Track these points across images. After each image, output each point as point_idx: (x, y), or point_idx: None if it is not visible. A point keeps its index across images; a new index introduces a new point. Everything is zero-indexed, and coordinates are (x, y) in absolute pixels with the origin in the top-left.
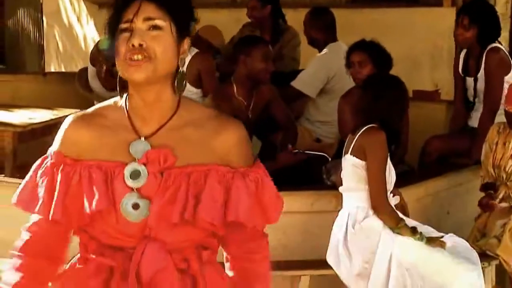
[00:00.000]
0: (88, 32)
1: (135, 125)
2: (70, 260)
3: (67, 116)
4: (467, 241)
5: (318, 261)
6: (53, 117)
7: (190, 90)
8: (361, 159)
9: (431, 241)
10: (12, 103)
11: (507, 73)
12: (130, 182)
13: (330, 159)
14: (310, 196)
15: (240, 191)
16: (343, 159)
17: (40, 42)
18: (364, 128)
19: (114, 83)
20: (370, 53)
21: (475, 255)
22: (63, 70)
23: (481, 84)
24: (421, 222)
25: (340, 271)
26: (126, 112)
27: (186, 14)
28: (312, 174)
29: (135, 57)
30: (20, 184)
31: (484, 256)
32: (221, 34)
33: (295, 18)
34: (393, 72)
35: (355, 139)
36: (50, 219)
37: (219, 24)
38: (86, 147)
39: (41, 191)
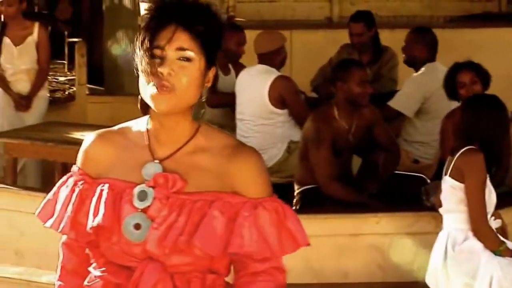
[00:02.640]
0: None
1: (152, 147)
2: None
3: None
4: None
5: (416, 283)
6: None
7: (276, 112)
8: (459, 181)
9: None
10: (111, 124)
11: None
12: (136, 203)
13: (428, 180)
14: (409, 218)
15: (248, 222)
16: (442, 180)
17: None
18: (463, 150)
19: (216, 100)
20: (478, 72)
21: None
22: None
23: None
24: None
25: None
26: (146, 133)
27: (217, 45)
28: (410, 195)
29: (163, 85)
30: None
31: None
32: (273, 33)
33: (391, 38)
34: (490, 92)
35: (454, 161)
36: (59, 232)
37: (316, 45)
38: (104, 165)
39: (58, 207)
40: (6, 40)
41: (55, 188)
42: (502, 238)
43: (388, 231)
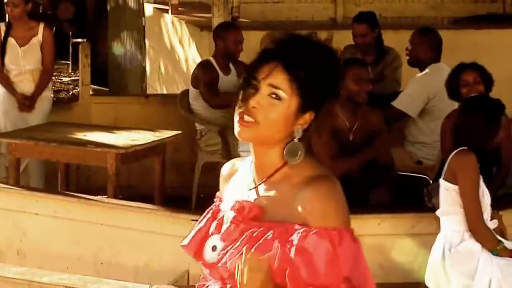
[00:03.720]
0: (190, 55)
1: (254, 175)
2: None
3: (169, 137)
4: None
5: (417, 283)
6: (155, 138)
7: None
8: (452, 183)
9: None
10: (114, 124)
11: None
12: (223, 227)
13: (431, 181)
14: (411, 219)
15: (297, 251)
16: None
17: (142, 65)
18: (455, 151)
19: (217, 101)
20: (482, 73)
21: None
22: (164, 92)
23: None
24: None
25: None
26: (253, 163)
27: (319, 93)
28: (413, 196)
29: (245, 118)
30: (121, 204)
31: None
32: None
33: (396, 39)
34: (497, 93)
35: (447, 163)
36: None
37: None
38: (224, 189)
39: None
40: (11, 41)
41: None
42: (499, 238)
43: (389, 232)
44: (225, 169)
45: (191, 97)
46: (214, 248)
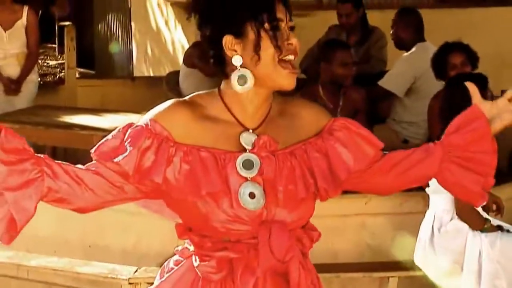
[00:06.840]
0: (176, 36)
1: (238, 118)
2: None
3: None
4: None
5: (406, 262)
6: None
7: None
8: None
9: None
10: (101, 107)
11: None
12: (243, 172)
13: None
14: (399, 197)
15: (336, 148)
16: None
17: (128, 47)
18: None
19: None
20: (469, 54)
21: None
22: (151, 74)
23: None
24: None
25: (429, 271)
26: (224, 105)
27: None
28: None
29: (293, 64)
30: None
31: None
32: None
33: (381, 19)
34: (481, 71)
35: None
36: (151, 180)
37: (306, 27)
38: (187, 131)
39: (133, 149)
40: None
41: (115, 132)
42: (486, 216)
43: (376, 211)
44: (178, 107)
45: (181, 76)
46: (252, 195)
